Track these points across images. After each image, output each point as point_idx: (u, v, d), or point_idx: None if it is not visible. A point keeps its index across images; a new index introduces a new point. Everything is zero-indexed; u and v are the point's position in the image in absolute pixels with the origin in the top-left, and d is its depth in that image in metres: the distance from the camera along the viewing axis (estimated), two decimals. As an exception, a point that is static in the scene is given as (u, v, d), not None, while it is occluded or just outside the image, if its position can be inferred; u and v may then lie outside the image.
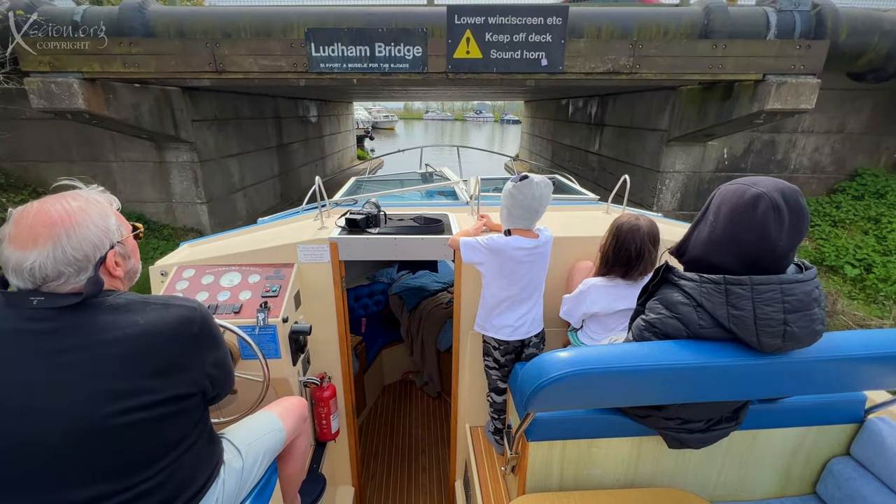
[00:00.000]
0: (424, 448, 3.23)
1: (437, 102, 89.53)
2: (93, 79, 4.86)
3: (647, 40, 4.92)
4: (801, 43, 4.75)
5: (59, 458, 0.88)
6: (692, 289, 1.17)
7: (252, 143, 8.48)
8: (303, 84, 5.19)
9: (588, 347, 1.50)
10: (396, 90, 9.86)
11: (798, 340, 1.10)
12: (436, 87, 8.51)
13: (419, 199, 3.37)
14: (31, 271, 0.90)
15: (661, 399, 1.32)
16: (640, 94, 7.34)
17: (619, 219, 1.78)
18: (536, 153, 15.74)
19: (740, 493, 1.64)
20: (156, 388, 0.95)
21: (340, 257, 2.06)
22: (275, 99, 9.62)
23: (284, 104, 10.20)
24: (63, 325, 0.91)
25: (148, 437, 0.96)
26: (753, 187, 1.09)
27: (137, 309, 0.98)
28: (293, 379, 1.92)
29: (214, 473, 1.17)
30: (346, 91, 10.46)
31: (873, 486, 1.45)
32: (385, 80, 5.09)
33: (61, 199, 0.96)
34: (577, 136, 10.91)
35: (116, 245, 1.02)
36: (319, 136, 13.41)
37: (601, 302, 1.76)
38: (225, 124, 7.42)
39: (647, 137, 7.17)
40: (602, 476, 1.56)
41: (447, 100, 15.27)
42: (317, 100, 12.81)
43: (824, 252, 5.89)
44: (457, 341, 2.24)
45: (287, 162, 10.39)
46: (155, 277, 1.99)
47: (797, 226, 1.07)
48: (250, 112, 8.40)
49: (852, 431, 1.57)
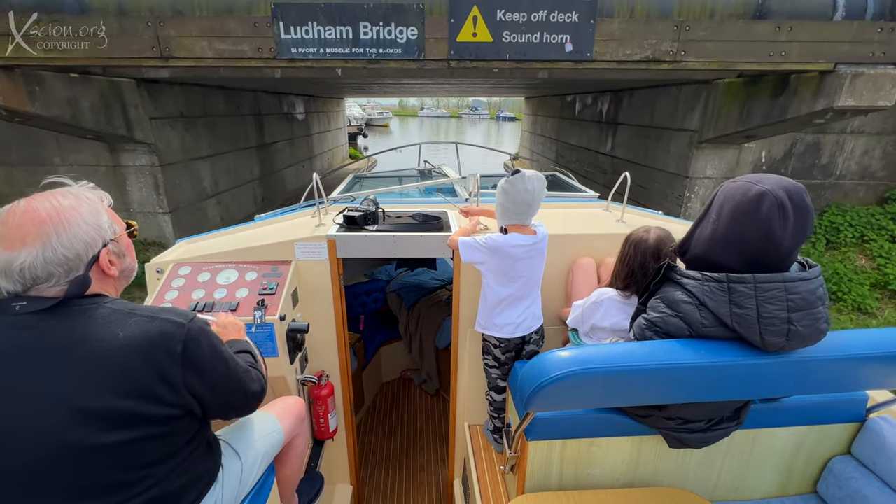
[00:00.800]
0: (423, 446, 3.18)
1: (432, 99, 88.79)
2: (8, 66, 3.92)
3: (693, 21, 4.05)
4: (884, 25, 3.91)
5: (31, 477, 0.85)
6: (695, 287, 1.16)
7: (227, 142, 7.54)
8: (278, 76, 4.29)
9: (589, 347, 1.43)
10: (388, 84, 8.95)
11: (802, 339, 1.09)
12: (433, 80, 7.63)
13: (418, 197, 3.28)
14: (20, 272, 0.87)
15: (662, 399, 1.32)
16: (664, 90, 6.49)
17: (635, 233, 1.68)
18: (539, 153, 14.87)
19: (741, 493, 1.64)
20: (131, 411, 0.89)
21: (338, 255, 2.03)
22: (255, 94, 8.68)
23: (266, 100, 9.26)
24: (40, 335, 0.87)
25: (129, 458, 0.91)
26: (757, 185, 1.08)
27: (119, 321, 0.92)
28: (291, 377, 1.89)
29: (212, 479, 1.15)
30: (334, 85, 9.53)
31: (874, 486, 1.44)
32: (373, 71, 4.18)
33: (50, 196, 0.92)
34: (585, 136, 10.05)
35: (110, 243, 0.99)
36: (307, 134, 12.46)
37: (613, 317, 1.67)
38: (193, 122, 6.49)
39: (671, 138, 6.32)
40: (602, 475, 1.56)
41: (443, 95, 14.40)
42: (303, 95, 11.86)
43: (888, 274, 5.06)
44: (456, 339, 2.22)
45: (269, 163, 9.46)
46: (151, 275, 1.94)
47: (802, 224, 1.07)
48: (225, 108, 7.46)
49: (853, 431, 1.57)
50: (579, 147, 10.46)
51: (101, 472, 0.89)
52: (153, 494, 0.95)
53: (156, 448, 0.95)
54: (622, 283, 1.67)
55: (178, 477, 1.01)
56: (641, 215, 2.50)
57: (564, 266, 2.08)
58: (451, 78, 4.91)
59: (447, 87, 10.04)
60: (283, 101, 10.33)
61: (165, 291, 1.82)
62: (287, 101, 10.67)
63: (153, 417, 0.92)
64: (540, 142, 14.81)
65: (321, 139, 14.09)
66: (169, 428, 0.96)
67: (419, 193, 3.42)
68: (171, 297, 1.79)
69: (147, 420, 0.91)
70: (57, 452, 0.84)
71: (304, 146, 12.10)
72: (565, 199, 2.94)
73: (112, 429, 0.87)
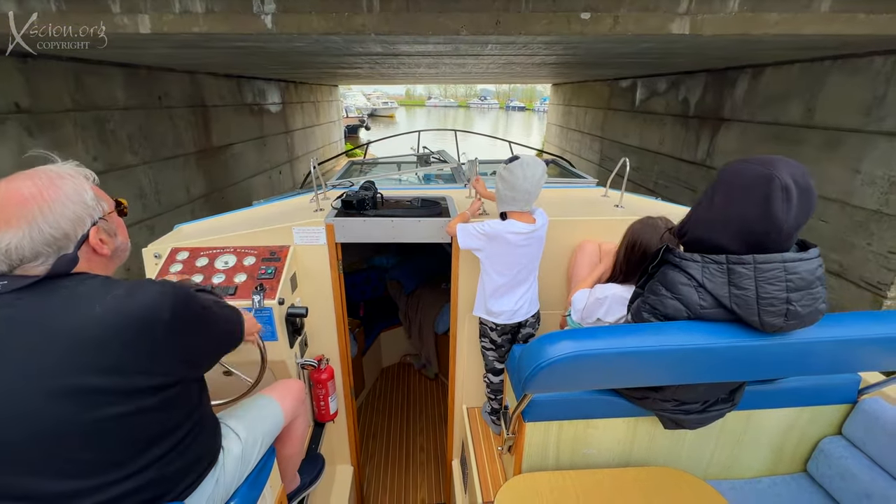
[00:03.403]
0: (422, 428, 3.30)
1: (439, 88, 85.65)
2: None
3: None
4: None
5: (14, 456, 0.85)
6: (695, 269, 1.16)
7: (142, 150, 4.98)
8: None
9: (587, 329, 1.32)
10: (394, 65, 6.30)
11: (800, 319, 1.09)
12: (452, 57, 5.07)
13: (417, 182, 3.40)
14: (6, 253, 0.86)
15: (660, 380, 1.32)
16: (843, 64, 3.81)
17: (637, 228, 1.65)
18: (573, 152, 12.10)
19: (733, 472, 1.67)
20: (114, 386, 0.88)
21: (337, 239, 2.05)
22: (192, 77, 6.07)
23: (214, 85, 6.63)
24: (19, 312, 0.86)
25: (117, 435, 0.90)
26: (761, 167, 1.08)
27: (98, 296, 0.90)
28: (290, 361, 1.89)
29: (213, 461, 1.15)
30: (321, 66, 6.86)
31: (864, 465, 1.47)
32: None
33: (31, 175, 0.91)
34: (654, 135, 7.33)
35: (99, 221, 0.98)
36: (285, 130, 9.82)
37: (619, 313, 1.59)
38: (60, 121, 3.92)
39: (865, 147, 3.65)
40: (597, 455, 1.58)
41: (457, 81, 11.82)
42: (278, 80, 9.21)
43: None
44: (454, 324, 2.25)
45: (222, 174, 6.86)
46: (149, 260, 1.94)
47: (805, 206, 1.07)
48: (131, 97, 4.87)
49: (845, 412, 1.60)
50: (642, 149, 7.74)
51: (88, 451, 0.87)
52: (151, 476, 0.94)
53: (147, 424, 0.94)
54: (623, 277, 1.65)
55: (177, 457, 1.00)
56: (639, 200, 2.44)
57: (561, 251, 2.07)
58: (484, 46, 3.05)
59: (468, 66, 7.32)
60: (243, 88, 7.68)
61: (163, 276, 1.80)
62: (252, 88, 8.01)
63: (139, 391, 0.90)
64: (575, 139, 12.02)
65: (306, 136, 11.43)
66: (157, 400, 0.94)
67: (418, 179, 3.51)
68: None
69: (132, 394, 0.89)
70: (38, 431, 0.84)
71: (279, 147, 9.47)
72: (562, 185, 2.90)
73: (96, 405, 0.86)
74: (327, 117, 13.70)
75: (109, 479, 0.88)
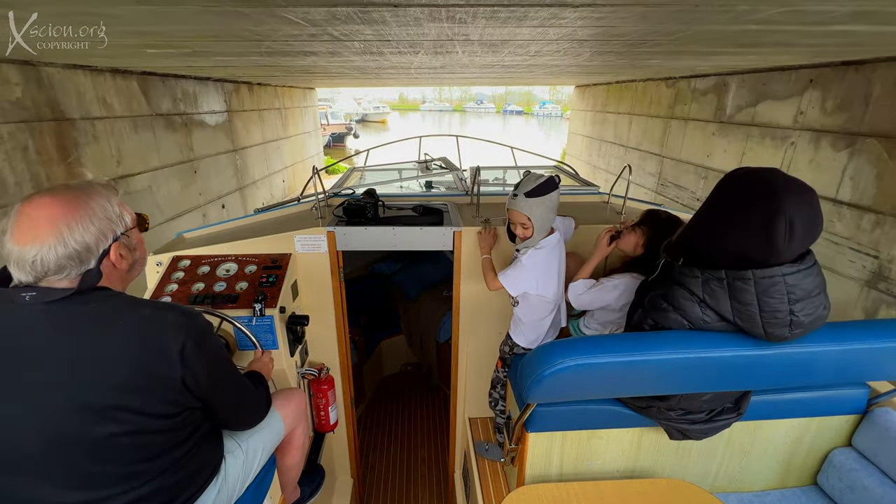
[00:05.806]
0: (423, 439, 3.23)
1: (433, 91, 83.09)
2: None
3: None
4: None
5: (32, 466, 0.88)
6: (695, 285, 1.14)
7: None
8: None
9: (589, 338, 1.40)
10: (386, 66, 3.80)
11: (804, 327, 1.09)
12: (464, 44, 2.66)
13: (418, 190, 3.33)
14: (32, 265, 0.88)
15: (663, 389, 1.31)
16: None
17: (654, 211, 1.71)
18: (609, 170, 9.61)
19: (741, 484, 1.64)
20: (129, 405, 0.91)
21: (338, 248, 2.05)
22: (34, 69, 3.48)
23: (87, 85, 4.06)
24: (47, 325, 0.89)
25: (128, 451, 0.94)
26: (767, 194, 1.04)
27: (124, 315, 0.93)
28: (291, 370, 1.89)
29: (216, 471, 1.17)
30: (294, 56, 4.20)
31: (875, 477, 1.43)
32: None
33: (63, 190, 0.94)
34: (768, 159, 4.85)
35: (121, 237, 1.00)
36: (231, 149, 7.24)
37: (628, 298, 1.55)
38: None
39: None
40: (602, 467, 1.56)
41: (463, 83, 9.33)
42: (219, 80, 6.64)
43: None
44: (456, 333, 2.22)
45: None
46: (150, 267, 1.93)
47: (808, 237, 1.05)
48: None
49: (854, 422, 1.56)
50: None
51: (101, 464, 0.91)
52: (156, 486, 0.97)
53: (155, 442, 0.97)
54: (642, 268, 1.62)
55: (180, 469, 1.03)
56: (643, 207, 2.30)
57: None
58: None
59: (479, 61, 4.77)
60: (153, 91, 5.09)
61: (165, 284, 1.81)
62: (169, 92, 5.42)
63: (151, 412, 0.93)
64: (614, 154, 9.43)
65: (267, 153, 8.70)
66: (167, 423, 0.96)
67: (419, 186, 3.43)
68: (171, 290, 1.76)
69: (144, 414, 0.92)
70: (56, 443, 0.87)
71: (222, 171, 6.80)
72: (565, 192, 2.78)
73: (110, 422, 0.89)
74: (300, 127, 11.05)
75: (116, 491, 0.93)
